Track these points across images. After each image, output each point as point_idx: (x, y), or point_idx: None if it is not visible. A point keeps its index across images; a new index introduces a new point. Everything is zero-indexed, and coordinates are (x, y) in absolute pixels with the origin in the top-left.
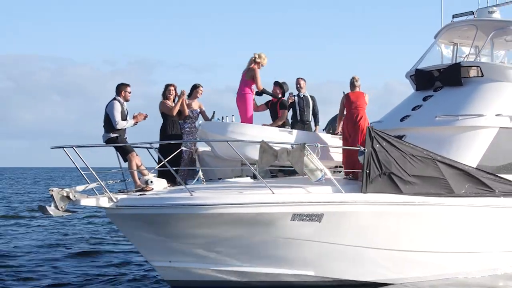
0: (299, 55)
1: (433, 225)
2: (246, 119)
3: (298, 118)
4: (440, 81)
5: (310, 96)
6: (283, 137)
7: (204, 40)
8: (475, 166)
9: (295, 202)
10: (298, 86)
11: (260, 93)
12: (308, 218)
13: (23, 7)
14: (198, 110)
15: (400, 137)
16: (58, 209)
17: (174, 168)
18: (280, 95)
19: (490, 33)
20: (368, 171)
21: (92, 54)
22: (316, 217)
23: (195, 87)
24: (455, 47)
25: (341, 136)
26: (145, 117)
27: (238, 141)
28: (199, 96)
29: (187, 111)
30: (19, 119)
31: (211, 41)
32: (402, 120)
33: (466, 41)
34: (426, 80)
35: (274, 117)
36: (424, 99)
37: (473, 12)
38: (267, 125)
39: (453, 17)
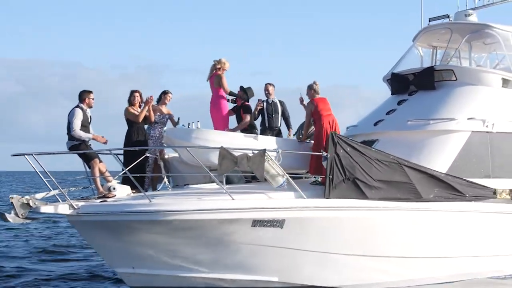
0: (309, 60)
1: (401, 230)
2: (222, 126)
3: (267, 124)
4: (415, 85)
5: (279, 101)
6: (248, 143)
7: (213, 45)
8: (446, 170)
9: (255, 208)
10: (267, 92)
11: (232, 99)
12: (269, 224)
13: (32, 12)
14: (167, 116)
15: (372, 142)
16: (18, 216)
17: (138, 175)
18: (243, 101)
19: (464, 36)
20: (331, 177)
21: (101, 59)
22: (277, 223)
23: (164, 93)
24: (434, 50)
25: (308, 142)
26: (104, 142)
27: (197, 147)
28: (167, 102)
29: (153, 117)
30: (28, 123)
31: (221, 46)
32: (375, 124)
33: (445, 44)
34: (401, 84)
35: (239, 121)
36: (399, 103)
37: (449, 16)
38: (231, 130)
39: (429, 21)
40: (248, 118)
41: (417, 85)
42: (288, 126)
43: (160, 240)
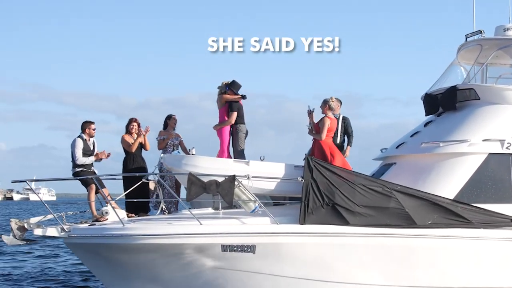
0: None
1: (388, 257)
2: (225, 147)
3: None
4: (441, 106)
5: (343, 117)
6: (238, 169)
7: (410, 72)
8: (454, 195)
9: (222, 234)
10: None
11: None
12: (239, 249)
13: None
14: (178, 139)
15: (390, 165)
16: (16, 238)
17: (135, 200)
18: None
19: (493, 51)
20: (306, 202)
21: (304, 91)
22: (248, 248)
23: (168, 118)
24: (485, 67)
25: None
26: (108, 155)
27: (169, 174)
28: (174, 126)
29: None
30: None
31: (416, 74)
32: (397, 147)
33: (496, 61)
34: (431, 104)
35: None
36: (425, 125)
37: (481, 31)
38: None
39: (466, 38)
40: (232, 116)
41: (442, 106)
42: (349, 143)
43: (139, 262)
